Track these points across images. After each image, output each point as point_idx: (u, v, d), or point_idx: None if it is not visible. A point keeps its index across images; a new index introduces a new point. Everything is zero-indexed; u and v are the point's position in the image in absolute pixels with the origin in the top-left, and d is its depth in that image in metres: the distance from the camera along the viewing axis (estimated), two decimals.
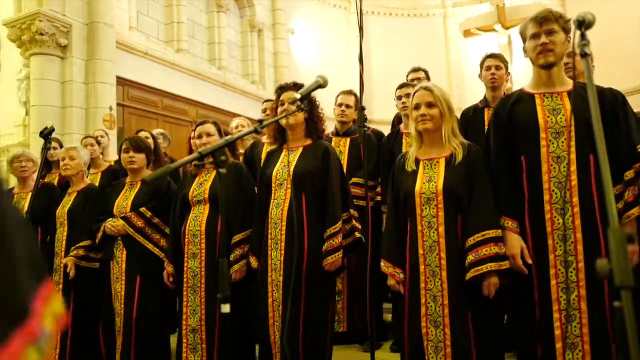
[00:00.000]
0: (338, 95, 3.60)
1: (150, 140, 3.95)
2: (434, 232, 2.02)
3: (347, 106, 3.56)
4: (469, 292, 1.97)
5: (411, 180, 2.10)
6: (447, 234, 2.00)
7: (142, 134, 4.01)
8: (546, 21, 1.95)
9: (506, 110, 2.08)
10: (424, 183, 2.06)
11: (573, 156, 1.90)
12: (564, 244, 1.88)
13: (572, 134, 1.90)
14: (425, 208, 2.04)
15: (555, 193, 1.91)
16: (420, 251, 2.04)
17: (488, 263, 1.92)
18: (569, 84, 1.98)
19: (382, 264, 2.18)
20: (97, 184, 3.80)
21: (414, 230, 2.07)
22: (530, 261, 1.93)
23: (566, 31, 1.97)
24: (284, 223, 2.45)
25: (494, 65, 3.16)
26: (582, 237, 1.87)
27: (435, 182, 2.04)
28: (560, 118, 1.94)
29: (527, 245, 1.95)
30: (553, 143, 1.94)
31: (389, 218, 2.23)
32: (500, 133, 2.09)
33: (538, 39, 1.96)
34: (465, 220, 2.01)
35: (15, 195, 3.46)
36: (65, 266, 3.02)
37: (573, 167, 1.90)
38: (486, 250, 1.93)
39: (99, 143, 4.13)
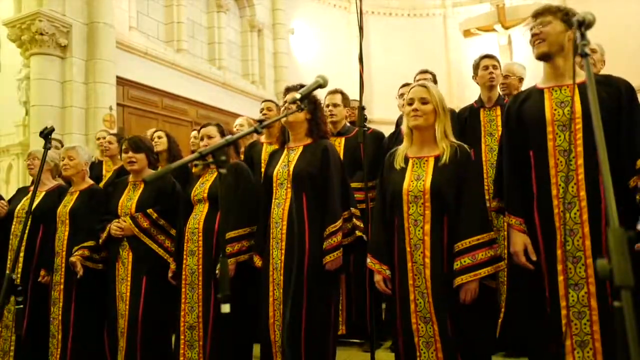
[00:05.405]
0: (325, 97, 3.62)
1: (165, 140, 3.93)
2: (419, 230, 2.03)
3: (335, 105, 3.56)
4: (453, 289, 1.97)
5: (399, 178, 2.10)
6: (432, 232, 2.00)
7: (157, 134, 3.98)
8: (540, 14, 1.97)
9: (515, 107, 2.07)
10: (411, 181, 2.06)
11: (580, 149, 1.87)
12: (571, 239, 1.85)
13: (579, 126, 1.88)
14: (412, 206, 2.04)
15: (563, 187, 1.89)
16: (407, 248, 2.05)
17: (486, 267, 1.93)
18: (581, 76, 1.93)
19: (368, 260, 2.17)
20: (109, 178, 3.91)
21: (401, 228, 2.07)
22: (534, 258, 1.91)
23: (567, 23, 1.93)
24: (285, 222, 2.45)
25: (492, 65, 3.16)
26: (590, 232, 1.83)
27: (423, 181, 2.04)
28: (567, 111, 1.91)
29: (537, 242, 1.93)
30: (560, 136, 1.92)
31: (377, 215, 2.23)
32: (509, 131, 2.08)
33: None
34: (453, 221, 2.01)
35: (30, 193, 3.44)
36: (67, 266, 3.00)
37: (580, 161, 1.86)
38: (482, 255, 1.94)
39: (119, 141, 4.04)
